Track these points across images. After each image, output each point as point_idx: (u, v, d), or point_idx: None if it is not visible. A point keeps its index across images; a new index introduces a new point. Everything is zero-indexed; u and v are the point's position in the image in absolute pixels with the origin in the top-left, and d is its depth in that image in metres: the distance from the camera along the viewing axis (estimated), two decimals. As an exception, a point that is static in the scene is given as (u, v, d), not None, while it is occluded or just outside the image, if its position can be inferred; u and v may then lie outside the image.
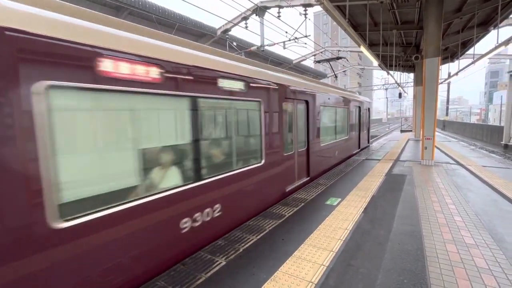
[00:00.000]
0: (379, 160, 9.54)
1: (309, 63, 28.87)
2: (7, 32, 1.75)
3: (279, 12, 12.47)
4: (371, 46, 14.57)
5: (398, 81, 24.76)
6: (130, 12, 11.29)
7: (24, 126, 1.85)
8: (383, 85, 41.66)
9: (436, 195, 5.30)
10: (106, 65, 2.32)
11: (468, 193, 5.38)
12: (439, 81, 9.08)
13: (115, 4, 10.40)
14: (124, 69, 2.47)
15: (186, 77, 3.16)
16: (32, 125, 1.89)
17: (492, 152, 15.24)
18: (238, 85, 4.01)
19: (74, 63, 2.13)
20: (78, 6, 2.38)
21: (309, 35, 12.81)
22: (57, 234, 2.01)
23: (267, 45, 13.82)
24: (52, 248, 1.99)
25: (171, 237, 2.99)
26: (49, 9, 2.08)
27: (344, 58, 11.58)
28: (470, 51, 17.15)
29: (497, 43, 10.36)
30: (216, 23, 15.59)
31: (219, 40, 15.13)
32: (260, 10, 13.14)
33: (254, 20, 13.42)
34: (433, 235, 3.56)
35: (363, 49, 9.32)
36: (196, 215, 3.26)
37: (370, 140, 15.92)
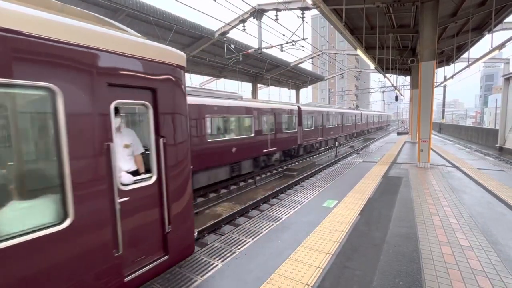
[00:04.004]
0: (376, 162, 9.59)
1: (307, 65, 29.06)
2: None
3: (276, 15, 12.55)
4: (368, 49, 14.67)
5: (395, 84, 24.96)
6: (127, 14, 11.28)
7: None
8: (380, 88, 41.96)
9: (432, 197, 5.33)
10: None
11: (464, 195, 5.43)
12: (435, 84, 9.17)
13: (112, 6, 10.40)
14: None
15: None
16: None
17: (487, 154, 15.40)
18: None
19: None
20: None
21: (307, 38, 12.88)
22: None
23: (264, 47, 13.87)
24: None
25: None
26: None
27: None
28: (465, 55, 17.37)
29: (491, 47, 10.50)
30: (214, 26, 15.74)
31: (217, 42, 15.17)
32: (257, 13, 13.21)
33: (251, 23, 13.49)
34: (429, 237, 3.58)
35: (359, 52, 9.41)
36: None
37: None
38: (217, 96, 10.34)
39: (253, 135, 11.77)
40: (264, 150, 12.66)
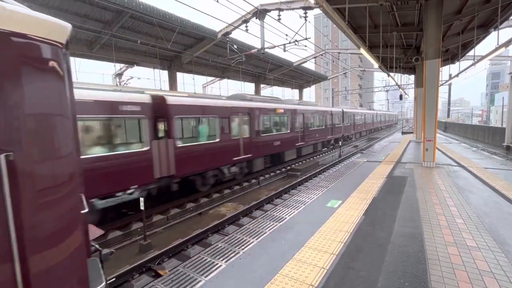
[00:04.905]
0: (380, 162, 9.52)
1: (310, 65, 28.97)
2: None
3: (279, 15, 12.53)
4: (371, 48, 14.57)
5: (399, 83, 24.73)
6: (131, 16, 11.38)
7: None
8: (383, 87, 41.63)
9: (437, 197, 5.27)
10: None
11: (470, 195, 5.35)
12: (440, 82, 9.06)
13: (116, 8, 10.49)
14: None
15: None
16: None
17: (494, 153, 15.16)
18: None
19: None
20: None
21: (309, 38, 12.84)
22: None
23: (267, 47, 13.87)
24: None
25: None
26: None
27: None
28: (471, 53, 17.14)
29: (498, 44, 10.35)
30: (216, 26, 16.00)
31: (220, 42, 15.20)
32: (260, 13, 13.21)
33: (254, 23, 13.48)
34: (435, 237, 3.54)
35: (363, 51, 9.34)
36: None
37: None
38: (308, 104, 17.52)
39: (324, 127, 18.92)
40: (328, 137, 19.99)
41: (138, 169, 6.78)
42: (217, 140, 9.16)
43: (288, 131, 13.90)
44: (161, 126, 7.48)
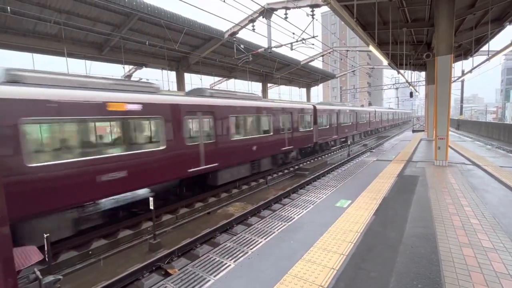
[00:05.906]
0: (391, 161, 9.34)
1: (317, 63, 28.87)
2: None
3: (286, 14, 12.46)
4: (380, 45, 14.27)
5: (409, 80, 24.21)
6: (139, 18, 11.53)
7: None
8: (393, 84, 40.85)
9: (450, 196, 5.13)
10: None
11: (485, 194, 5.19)
12: (452, 79, 8.81)
13: (124, 10, 10.65)
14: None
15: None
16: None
17: (510, 151, 14.64)
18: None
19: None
20: None
21: (317, 36, 12.71)
22: None
23: (274, 47, 13.81)
24: None
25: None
26: None
27: None
28: (485, 48, 16.60)
29: (513, 38, 9.98)
30: (223, 26, 16.14)
31: (227, 42, 15.23)
32: (267, 12, 13.16)
33: (261, 22, 13.45)
34: (448, 238, 3.44)
35: (372, 48, 9.17)
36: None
37: None
38: (357, 106, 27.50)
39: (365, 122, 27.74)
40: (367, 128, 28.85)
41: (309, 138, 15.42)
42: (327, 126, 17.85)
43: (350, 124, 22.70)
44: (313, 119, 15.97)
